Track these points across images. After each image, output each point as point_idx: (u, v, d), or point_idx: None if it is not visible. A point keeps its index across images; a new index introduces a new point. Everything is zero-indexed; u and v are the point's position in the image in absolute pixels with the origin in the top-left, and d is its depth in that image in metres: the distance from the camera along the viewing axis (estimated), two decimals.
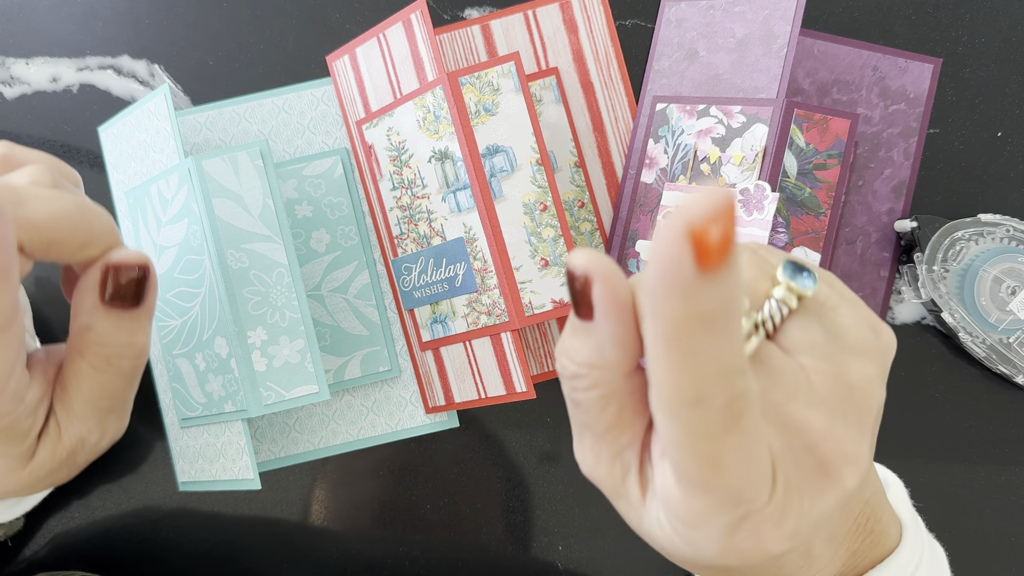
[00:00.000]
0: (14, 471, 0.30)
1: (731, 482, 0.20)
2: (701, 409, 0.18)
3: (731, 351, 0.18)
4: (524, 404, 0.44)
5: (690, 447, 0.19)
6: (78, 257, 0.28)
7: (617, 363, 0.22)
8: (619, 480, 0.24)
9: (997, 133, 0.44)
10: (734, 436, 0.19)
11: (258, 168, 0.37)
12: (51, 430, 0.30)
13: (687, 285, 0.16)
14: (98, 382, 0.29)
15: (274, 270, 0.37)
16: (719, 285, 0.16)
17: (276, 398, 0.36)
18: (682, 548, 0.23)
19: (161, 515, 0.43)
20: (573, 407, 0.23)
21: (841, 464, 0.21)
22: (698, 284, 0.16)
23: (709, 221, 0.16)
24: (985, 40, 0.44)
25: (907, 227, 0.42)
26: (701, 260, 0.16)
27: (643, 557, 0.43)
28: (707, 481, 0.20)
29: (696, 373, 0.18)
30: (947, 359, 0.44)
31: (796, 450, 0.21)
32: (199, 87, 0.45)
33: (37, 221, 0.26)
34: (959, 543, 0.43)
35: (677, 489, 0.21)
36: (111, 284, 0.28)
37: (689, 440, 0.19)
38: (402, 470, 0.44)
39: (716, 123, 0.41)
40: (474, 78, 0.38)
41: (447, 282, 0.40)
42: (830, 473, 0.21)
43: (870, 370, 0.22)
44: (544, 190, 0.38)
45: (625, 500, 0.24)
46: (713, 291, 0.16)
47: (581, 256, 0.21)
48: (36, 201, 0.27)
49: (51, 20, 0.45)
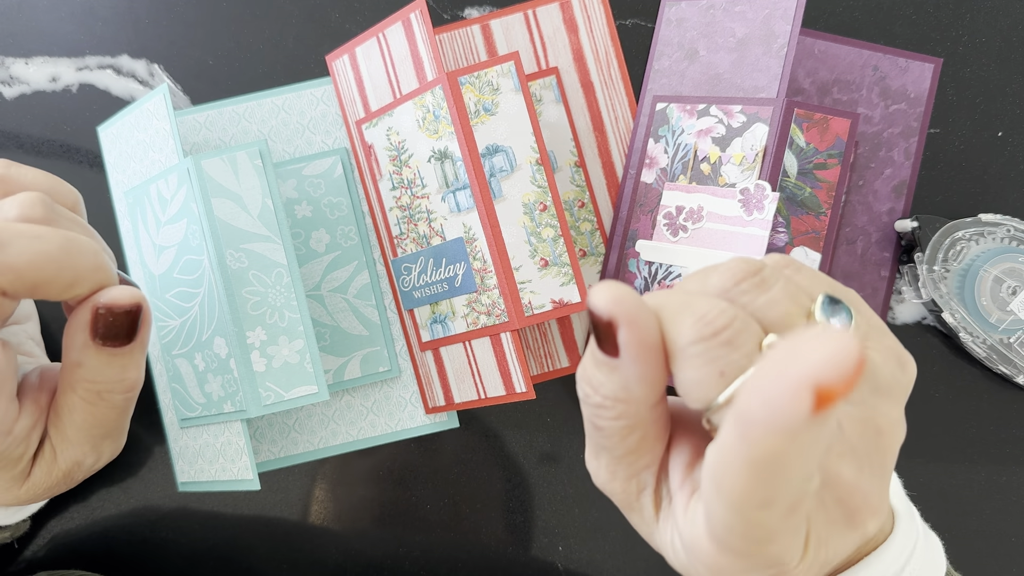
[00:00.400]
0: (9, 490, 0.30)
1: (772, 554, 0.19)
2: (769, 511, 0.18)
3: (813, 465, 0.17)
4: (524, 404, 0.44)
5: (743, 533, 0.19)
6: (65, 296, 0.27)
7: (644, 398, 0.21)
8: (633, 497, 0.24)
9: (998, 133, 0.44)
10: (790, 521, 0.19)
11: (257, 168, 0.37)
12: (46, 453, 0.30)
13: (795, 428, 0.16)
14: (90, 413, 0.29)
15: (273, 270, 0.37)
16: (825, 422, 0.16)
17: (275, 398, 0.36)
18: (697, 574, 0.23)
19: (160, 515, 0.43)
20: (594, 430, 0.23)
21: (867, 516, 0.21)
22: (806, 425, 0.16)
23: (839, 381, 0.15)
24: (986, 40, 0.44)
25: (908, 227, 0.42)
26: (819, 408, 0.15)
27: (643, 557, 0.43)
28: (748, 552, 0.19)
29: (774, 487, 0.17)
30: (948, 359, 0.44)
31: (826, 503, 0.21)
32: (198, 87, 0.45)
33: (18, 265, 0.25)
34: (959, 543, 0.43)
35: (709, 545, 0.20)
36: (102, 324, 0.28)
37: (745, 529, 0.19)
38: (402, 470, 0.44)
39: (716, 123, 0.41)
40: (474, 78, 0.38)
41: (447, 282, 0.40)
42: (856, 524, 0.21)
43: (895, 412, 0.22)
44: (544, 190, 0.38)
45: (638, 514, 0.24)
46: (819, 429, 0.16)
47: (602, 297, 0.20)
48: (20, 242, 0.26)
49: (50, 20, 0.45)
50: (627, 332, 0.20)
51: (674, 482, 0.23)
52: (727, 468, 0.18)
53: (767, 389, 0.15)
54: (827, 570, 0.21)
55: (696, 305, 0.20)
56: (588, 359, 0.22)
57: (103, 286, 0.28)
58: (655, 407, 0.22)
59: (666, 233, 0.41)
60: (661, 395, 0.22)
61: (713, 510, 0.19)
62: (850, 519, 0.21)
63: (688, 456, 0.23)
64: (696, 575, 0.22)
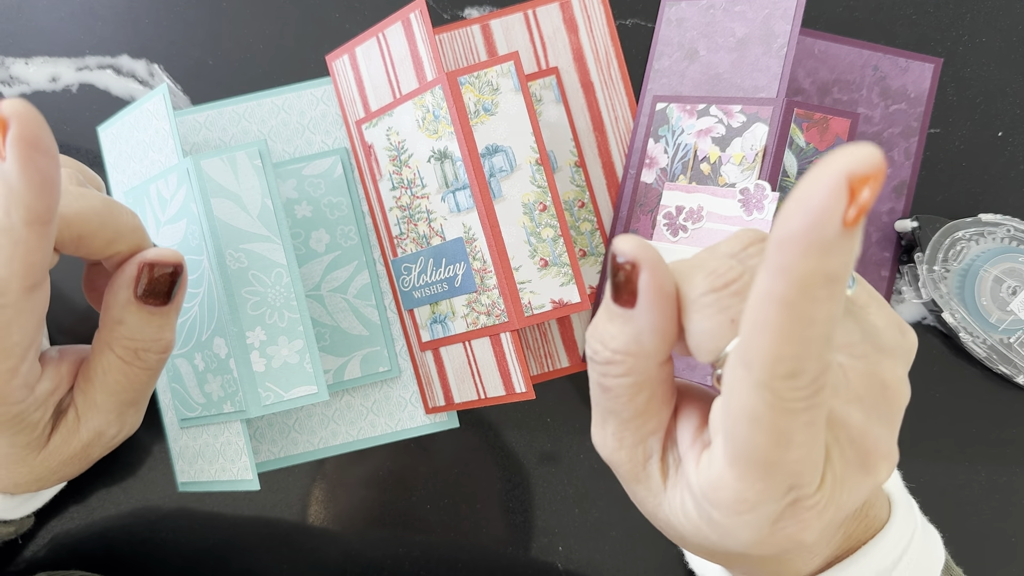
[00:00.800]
0: (24, 460, 0.31)
1: (794, 462, 0.19)
2: (795, 381, 0.18)
3: (836, 319, 0.17)
4: (524, 404, 0.44)
5: (769, 420, 0.19)
6: (106, 252, 0.29)
7: (654, 352, 0.22)
8: (640, 466, 0.24)
9: (998, 133, 0.44)
10: (811, 412, 0.19)
11: (256, 168, 0.37)
12: (69, 421, 0.31)
13: (830, 240, 0.16)
14: (124, 374, 0.30)
15: (273, 270, 0.37)
16: (852, 243, 0.16)
17: (275, 399, 0.36)
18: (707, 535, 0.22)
19: (160, 515, 0.43)
20: (601, 392, 0.23)
21: (879, 459, 0.21)
22: (839, 240, 0.16)
23: (869, 174, 0.15)
24: (986, 40, 0.44)
25: (908, 227, 0.42)
26: (854, 211, 0.15)
27: (643, 558, 0.43)
28: (772, 459, 0.19)
29: (803, 341, 0.17)
30: (948, 359, 0.44)
31: (841, 443, 0.21)
32: (198, 87, 0.45)
33: (67, 215, 0.27)
34: (959, 543, 0.43)
35: (730, 473, 0.20)
36: (145, 281, 0.29)
37: (771, 413, 0.18)
38: (402, 470, 0.44)
39: (716, 123, 0.41)
40: (473, 78, 0.38)
41: (446, 282, 0.40)
42: (869, 467, 0.21)
43: (900, 370, 0.22)
44: (543, 190, 0.38)
45: (644, 485, 0.24)
46: (847, 250, 0.16)
47: (628, 243, 0.21)
48: (66, 197, 0.28)
49: (50, 20, 0.45)
50: (648, 275, 0.20)
51: (683, 444, 0.23)
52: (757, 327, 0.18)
53: (806, 198, 0.16)
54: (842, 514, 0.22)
55: (708, 262, 0.21)
56: (601, 314, 0.22)
57: (141, 247, 0.30)
58: (663, 366, 0.22)
59: (666, 233, 0.41)
60: (669, 354, 0.22)
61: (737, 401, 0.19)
62: (863, 461, 0.21)
63: (696, 420, 0.24)
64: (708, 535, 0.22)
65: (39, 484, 0.32)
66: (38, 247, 0.25)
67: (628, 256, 0.21)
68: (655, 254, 0.21)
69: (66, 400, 0.31)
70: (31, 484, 0.32)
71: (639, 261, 0.21)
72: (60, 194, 0.25)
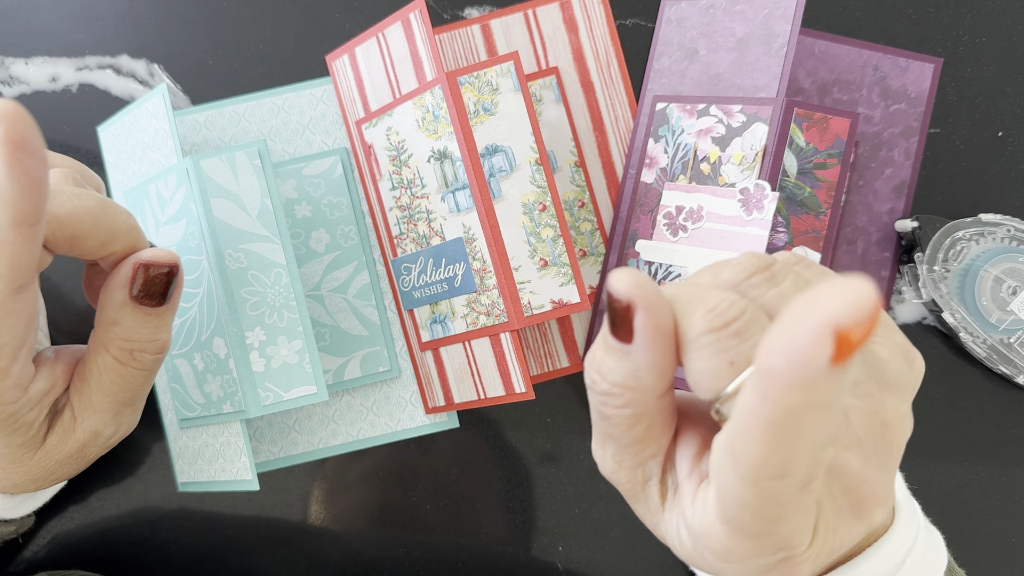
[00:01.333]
0: (20, 460, 0.31)
1: (782, 534, 0.20)
2: (784, 481, 0.18)
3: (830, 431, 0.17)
4: (524, 404, 0.44)
5: (757, 508, 0.19)
6: (100, 253, 0.29)
7: (652, 387, 0.21)
8: (639, 486, 0.24)
9: (998, 133, 0.44)
10: (801, 500, 0.19)
11: (256, 168, 0.37)
12: (65, 421, 0.31)
13: (816, 379, 0.16)
14: (120, 374, 0.30)
15: (272, 270, 0.37)
16: (843, 375, 0.16)
17: (274, 399, 0.36)
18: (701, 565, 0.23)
19: (160, 515, 0.43)
20: (600, 419, 0.23)
21: (874, 507, 0.21)
22: (825, 377, 0.16)
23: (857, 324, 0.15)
24: (986, 40, 0.44)
25: (908, 227, 0.42)
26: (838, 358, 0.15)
27: (643, 558, 0.43)
28: (762, 532, 0.19)
29: (791, 453, 0.17)
30: (948, 359, 0.44)
31: (834, 493, 0.21)
32: (198, 86, 0.45)
33: (60, 216, 0.27)
34: (959, 543, 0.43)
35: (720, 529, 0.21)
36: (140, 282, 0.29)
37: (759, 503, 0.19)
38: (402, 470, 0.44)
39: (716, 122, 0.41)
40: (473, 77, 0.38)
41: (446, 282, 0.40)
42: (863, 515, 0.21)
43: (903, 406, 0.22)
44: (543, 190, 0.38)
45: (643, 505, 0.24)
46: (837, 382, 0.16)
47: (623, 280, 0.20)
48: (60, 197, 0.27)
49: (50, 20, 0.45)
50: (644, 316, 0.20)
51: (681, 472, 0.23)
52: (745, 434, 0.18)
53: (788, 338, 0.16)
54: (833, 559, 0.22)
55: (708, 297, 0.21)
56: (599, 345, 0.22)
57: (136, 247, 0.30)
58: (662, 398, 0.22)
59: (666, 233, 0.41)
60: (668, 386, 0.22)
61: (726, 485, 0.19)
62: (857, 509, 0.21)
63: (695, 447, 0.23)
64: (703, 564, 0.23)
65: (37, 484, 0.32)
66: (25, 248, 0.25)
67: (623, 296, 0.20)
68: (651, 291, 0.20)
69: (62, 400, 0.31)
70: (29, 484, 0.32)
71: (635, 301, 0.20)
72: (48, 195, 0.25)
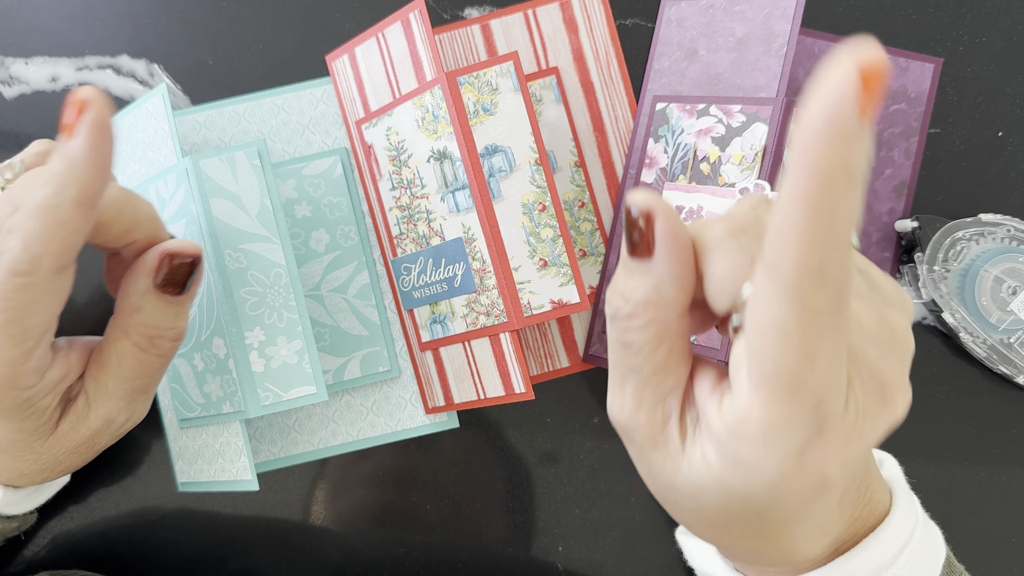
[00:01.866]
0: (31, 447, 0.31)
1: (820, 379, 0.20)
2: (822, 288, 0.18)
3: (855, 219, 0.18)
4: (524, 404, 0.44)
5: (797, 332, 0.19)
6: (123, 241, 0.30)
7: (674, 301, 0.22)
8: (659, 428, 0.24)
9: (998, 133, 0.44)
10: (836, 324, 0.19)
11: (255, 168, 0.37)
12: (79, 408, 0.31)
13: (849, 129, 0.16)
14: (139, 360, 0.31)
15: (272, 270, 0.37)
16: (866, 137, 0.17)
17: (274, 399, 0.36)
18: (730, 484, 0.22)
19: (160, 515, 0.43)
20: (622, 350, 0.24)
21: (896, 391, 0.22)
22: (856, 130, 0.17)
23: (877, 63, 0.16)
24: (986, 40, 0.44)
25: (908, 227, 0.42)
26: (867, 101, 0.16)
27: (643, 558, 0.43)
28: (799, 375, 0.20)
29: (827, 245, 0.18)
30: (948, 359, 0.44)
31: (861, 373, 0.22)
32: (198, 87, 0.45)
33: None
34: (959, 543, 0.43)
35: (756, 400, 0.21)
36: (164, 270, 0.30)
37: (798, 323, 0.19)
38: (402, 471, 0.44)
39: (716, 122, 0.41)
40: (472, 78, 0.38)
41: (446, 282, 0.40)
42: (887, 399, 0.22)
43: (905, 322, 0.23)
44: (543, 190, 0.38)
45: (662, 451, 0.24)
46: (863, 143, 0.17)
47: (641, 194, 0.22)
48: None
49: (50, 20, 0.45)
50: (663, 223, 0.21)
51: (701, 397, 0.24)
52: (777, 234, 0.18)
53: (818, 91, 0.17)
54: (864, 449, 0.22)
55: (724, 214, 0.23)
56: (620, 272, 0.23)
57: (157, 236, 0.31)
58: (682, 318, 0.23)
59: None
60: (689, 304, 0.23)
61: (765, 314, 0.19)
62: (882, 392, 0.22)
63: (713, 377, 0.24)
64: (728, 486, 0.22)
65: (44, 475, 0.32)
66: (79, 228, 0.26)
67: (642, 207, 0.21)
68: (668, 204, 0.21)
69: (75, 388, 0.32)
70: (36, 474, 0.32)
71: (653, 210, 0.21)
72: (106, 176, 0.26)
